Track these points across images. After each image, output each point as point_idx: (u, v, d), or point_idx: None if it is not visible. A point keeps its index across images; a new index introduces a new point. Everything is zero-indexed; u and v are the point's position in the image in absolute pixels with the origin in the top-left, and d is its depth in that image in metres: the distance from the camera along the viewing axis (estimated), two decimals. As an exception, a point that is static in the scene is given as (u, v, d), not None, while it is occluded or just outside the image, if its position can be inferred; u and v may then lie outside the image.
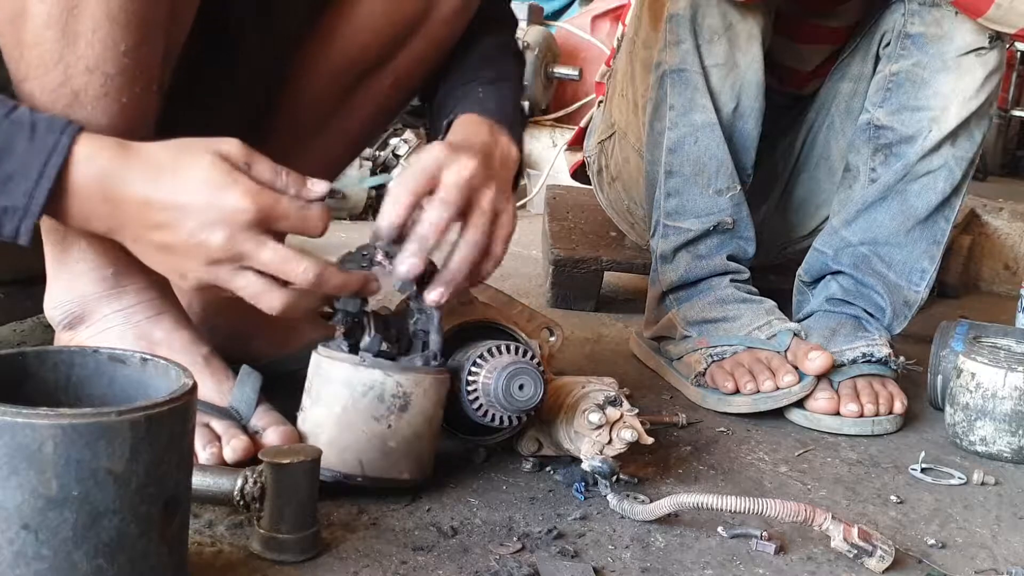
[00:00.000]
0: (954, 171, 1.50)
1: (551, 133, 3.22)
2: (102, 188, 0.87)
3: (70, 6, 0.88)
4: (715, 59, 1.50)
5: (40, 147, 0.85)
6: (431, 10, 1.16)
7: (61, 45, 0.89)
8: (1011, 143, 4.50)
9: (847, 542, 0.99)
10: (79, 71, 0.90)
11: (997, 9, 1.40)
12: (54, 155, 0.85)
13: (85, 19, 0.89)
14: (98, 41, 0.90)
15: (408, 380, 1.01)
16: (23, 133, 0.84)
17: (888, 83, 1.52)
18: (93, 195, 0.87)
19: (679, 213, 1.54)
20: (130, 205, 0.88)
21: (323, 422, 1.01)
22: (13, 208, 0.86)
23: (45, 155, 0.84)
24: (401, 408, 1.00)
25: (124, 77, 0.92)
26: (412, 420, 1.01)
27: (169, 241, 0.88)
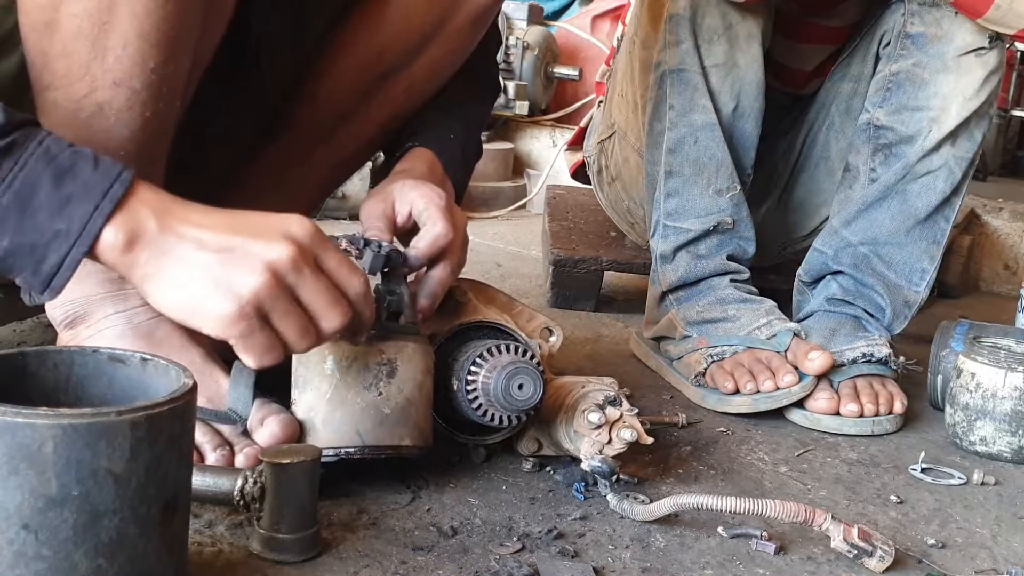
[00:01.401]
0: (954, 171, 1.50)
1: (551, 133, 3.22)
2: (161, 213, 0.83)
3: (102, 21, 0.88)
4: (715, 59, 1.50)
5: (104, 175, 0.81)
6: (448, 20, 1.17)
7: (90, 58, 0.89)
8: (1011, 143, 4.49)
9: (847, 542, 0.99)
10: (106, 84, 0.90)
11: (996, 10, 1.40)
12: (118, 182, 0.81)
13: (116, 35, 0.89)
14: (127, 57, 0.90)
15: (389, 346, 1.02)
16: (87, 162, 0.81)
17: (888, 83, 1.52)
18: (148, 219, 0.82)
19: (679, 213, 1.54)
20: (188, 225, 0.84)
21: (314, 404, 1.01)
22: (67, 232, 0.80)
23: (109, 181, 0.81)
24: (388, 374, 1.01)
25: (150, 92, 0.92)
26: (402, 385, 1.02)
27: (231, 245, 0.84)
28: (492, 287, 1.23)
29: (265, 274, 0.83)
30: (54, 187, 0.79)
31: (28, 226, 0.79)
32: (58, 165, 0.80)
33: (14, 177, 0.78)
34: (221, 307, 0.83)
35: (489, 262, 2.28)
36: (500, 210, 2.89)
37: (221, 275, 0.83)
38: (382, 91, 1.21)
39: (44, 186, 0.79)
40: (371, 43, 1.19)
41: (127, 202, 0.81)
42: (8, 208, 0.79)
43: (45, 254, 0.80)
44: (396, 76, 1.20)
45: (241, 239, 0.84)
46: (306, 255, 0.86)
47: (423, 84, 1.22)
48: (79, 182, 0.80)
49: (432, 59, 1.20)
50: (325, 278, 0.88)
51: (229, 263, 0.83)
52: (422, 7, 1.17)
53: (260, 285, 0.83)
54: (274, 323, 0.85)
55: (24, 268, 0.81)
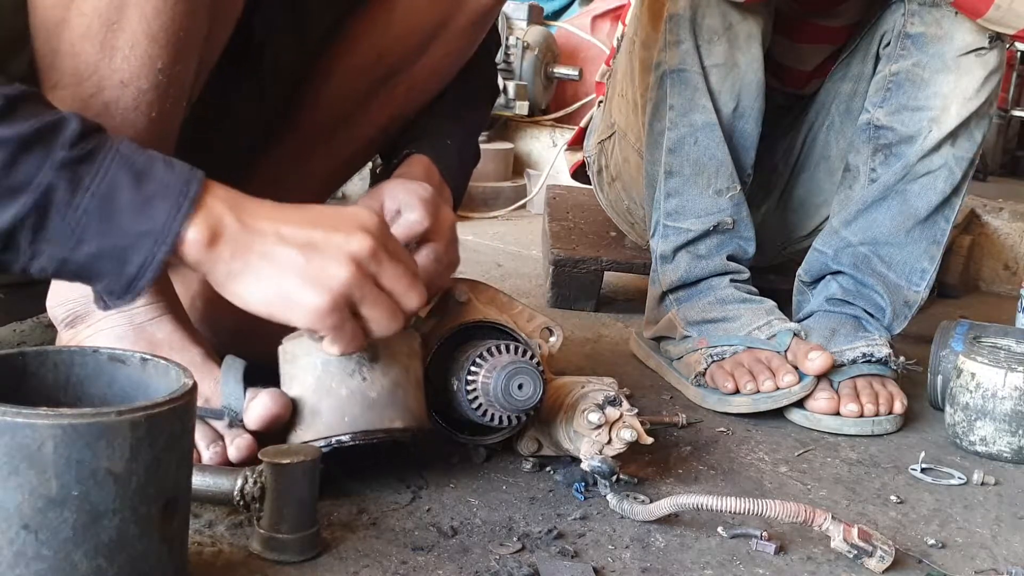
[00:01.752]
0: (954, 171, 1.50)
1: (551, 133, 3.22)
2: (236, 208, 0.85)
3: (110, 21, 0.89)
4: (715, 59, 1.50)
5: (179, 174, 0.82)
6: (449, 21, 1.18)
7: (98, 58, 0.89)
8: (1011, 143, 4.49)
9: (847, 542, 0.99)
10: (113, 84, 0.91)
11: (996, 10, 1.40)
12: (193, 180, 0.82)
13: (124, 35, 0.90)
14: (135, 57, 0.91)
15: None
16: (160, 163, 0.82)
17: (888, 83, 1.52)
18: (229, 215, 0.84)
19: (679, 213, 1.54)
20: (265, 220, 0.86)
21: (301, 396, 1.02)
22: (150, 232, 0.80)
23: (185, 179, 0.82)
24: (371, 359, 1.02)
25: (156, 92, 0.93)
26: (386, 369, 1.02)
27: (313, 240, 0.87)
28: (492, 287, 1.23)
29: (351, 265, 0.87)
30: (135, 190, 0.80)
31: (112, 229, 0.80)
32: (136, 168, 0.81)
33: (96, 184, 0.79)
34: (314, 301, 0.86)
35: (489, 262, 2.28)
36: (500, 210, 2.89)
37: (309, 270, 0.86)
38: (383, 92, 1.22)
39: (125, 189, 0.80)
40: (373, 45, 1.19)
41: (204, 199, 0.83)
42: (92, 214, 0.79)
43: (129, 256, 0.81)
44: (397, 77, 1.21)
45: (321, 233, 0.88)
46: (381, 243, 0.90)
47: (424, 85, 1.23)
48: (157, 183, 0.81)
49: (433, 60, 1.20)
50: (400, 263, 0.92)
51: (315, 258, 0.86)
52: (424, 9, 1.17)
53: (348, 277, 0.87)
54: (362, 311, 0.90)
55: (108, 272, 0.81)
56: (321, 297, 0.87)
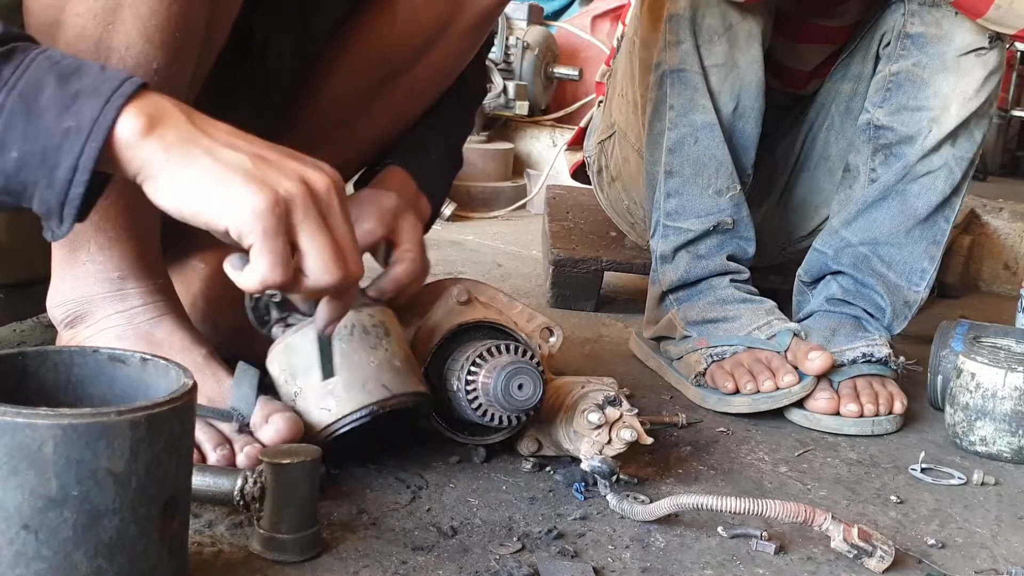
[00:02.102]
0: (954, 171, 1.50)
1: (551, 133, 3.22)
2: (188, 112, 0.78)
3: (106, 22, 0.89)
4: (715, 59, 1.50)
5: (113, 76, 0.75)
6: (451, 23, 1.18)
7: (93, 58, 0.89)
8: (1011, 143, 4.50)
9: (847, 542, 0.99)
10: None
11: (996, 10, 1.40)
12: (128, 82, 0.75)
13: (119, 35, 0.89)
14: (131, 58, 0.90)
15: (376, 310, 1.08)
16: (94, 67, 0.76)
17: (888, 83, 1.52)
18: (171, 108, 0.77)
19: (679, 213, 1.54)
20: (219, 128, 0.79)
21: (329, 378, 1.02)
22: (77, 128, 0.73)
23: (119, 81, 0.75)
24: (386, 334, 1.07)
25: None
26: (399, 343, 1.08)
27: (268, 155, 0.79)
28: (492, 287, 1.23)
29: (300, 184, 0.78)
30: (59, 86, 0.74)
31: (35, 130, 0.73)
32: (62, 67, 0.75)
33: (17, 79, 0.73)
34: (252, 200, 0.76)
35: (489, 262, 2.28)
36: (500, 210, 2.89)
37: (256, 173, 0.77)
38: (385, 93, 1.22)
39: (49, 86, 0.74)
40: (375, 45, 1.19)
41: (142, 95, 0.76)
42: (13, 113, 0.73)
43: (58, 158, 0.74)
44: (399, 78, 1.21)
45: (277, 154, 0.80)
46: (335, 191, 0.82)
47: (426, 86, 1.23)
48: (86, 81, 0.75)
49: (435, 61, 1.20)
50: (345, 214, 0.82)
51: (264, 165, 0.78)
52: (426, 10, 1.17)
53: (296, 190, 0.78)
54: (301, 240, 0.79)
55: (38, 180, 0.74)
56: (260, 196, 0.76)
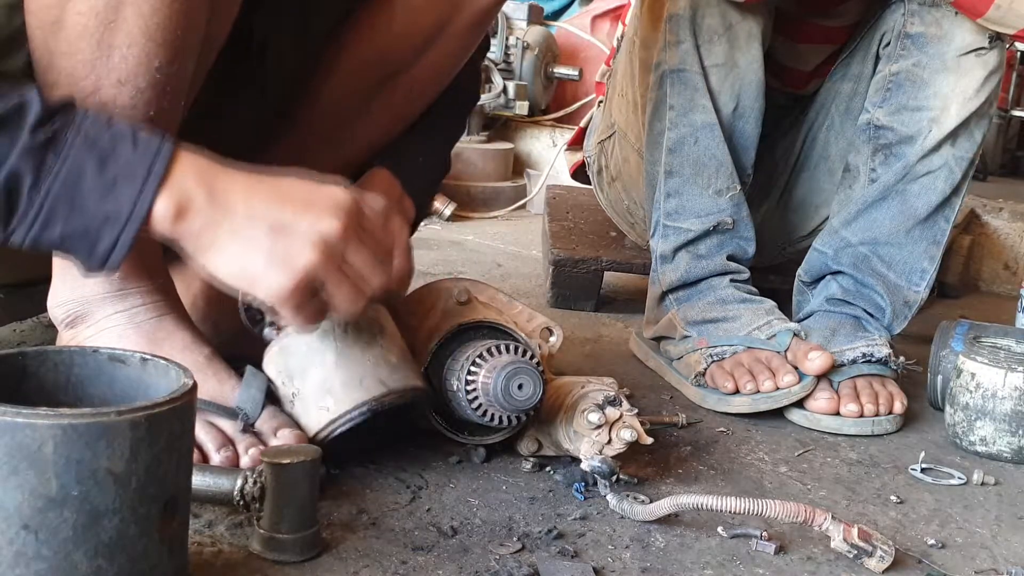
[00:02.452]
0: (954, 171, 1.50)
1: (551, 133, 3.22)
2: (207, 182, 0.86)
3: (107, 20, 0.89)
4: (715, 59, 1.50)
5: (145, 152, 0.84)
6: (450, 22, 1.18)
7: (94, 57, 0.89)
8: (1011, 143, 4.50)
9: (847, 542, 0.99)
10: (110, 83, 0.90)
11: (996, 10, 1.40)
12: (159, 158, 0.84)
13: (121, 34, 0.89)
14: (132, 56, 0.91)
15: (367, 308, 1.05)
16: (126, 141, 0.84)
17: (888, 83, 1.52)
18: (198, 191, 0.86)
19: (679, 213, 1.54)
20: (236, 195, 0.87)
21: (325, 376, 1.03)
22: (116, 214, 0.83)
23: (151, 158, 0.83)
24: (380, 331, 1.07)
25: (154, 92, 0.93)
26: (394, 340, 1.08)
27: (283, 221, 0.88)
28: (492, 287, 1.23)
29: (318, 249, 0.88)
30: (99, 172, 0.82)
31: (78, 213, 0.82)
32: (100, 149, 0.82)
33: (60, 168, 0.81)
34: (278, 281, 0.88)
35: (489, 262, 2.28)
36: (500, 210, 2.89)
37: (275, 249, 0.88)
38: (384, 93, 1.22)
39: (89, 172, 0.82)
40: (373, 45, 1.19)
41: (172, 174, 0.84)
42: (57, 198, 0.81)
43: (99, 237, 0.83)
44: (398, 78, 1.21)
45: (292, 213, 0.89)
46: (353, 223, 0.91)
47: (425, 86, 1.23)
48: (122, 163, 0.83)
49: (433, 61, 1.20)
50: (370, 240, 0.93)
51: (283, 238, 0.88)
52: (424, 10, 1.17)
53: (313, 260, 0.88)
54: (326, 291, 0.91)
55: (80, 251, 0.84)
56: (285, 278, 0.88)
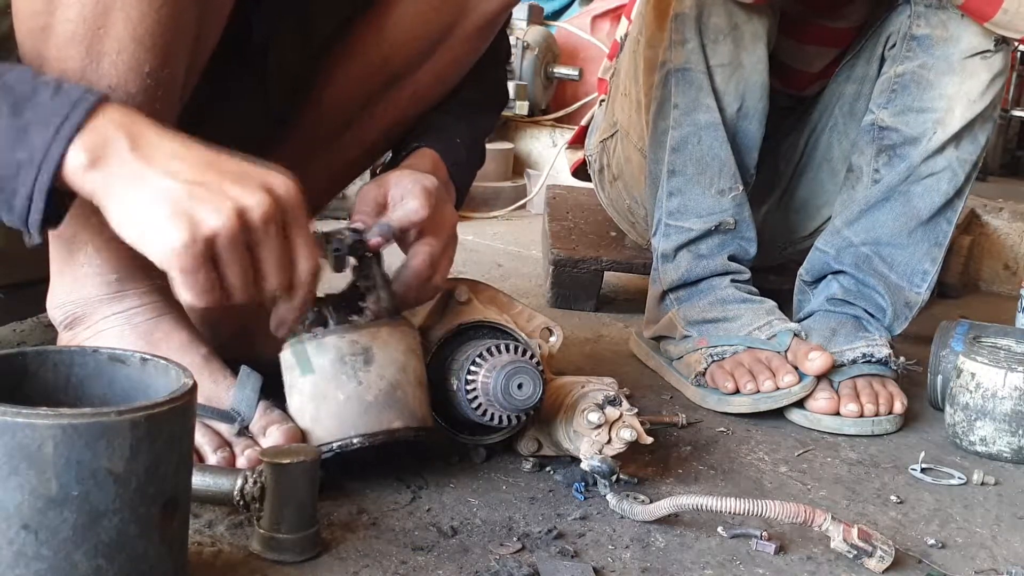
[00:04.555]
0: (957, 173, 1.50)
1: (551, 133, 3.22)
2: (131, 133, 0.81)
3: (96, 26, 0.88)
4: (720, 59, 1.50)
5: (64, 99, 0.80)
6: (455, 28, 1.18)
7: (84, 63, 0.89)
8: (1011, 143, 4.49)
9: (847, 542, 0.99)
10: (100, 89, 0.89)
11: (1004, 14, 1.40)
12: (79, 105, 0.80)
13: (111, 40, 0.89)
14: (122, 62, 0.90)
15: (361, 335, 1.02)
16: (47, 89, 0.81)
17: (893, 84, 1.52)
18: (121, 139, 0.81)
19: (681, 212, 1.54)
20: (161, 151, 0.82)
21: (302, 405, 1.02)
22: (29, 161, 0.79)
23: (69, 106, 0.80)
24: (365, 362, 1.01)
25: (145, 96, 0.92)
26: (383, 371, 1.02)
27: (206, 181, 0.81)
28: (492, 287, 1.23)
29: (230, 217, 0.81)
30: (12, 116, 0.79)
31: None
32: (16, 96, 0.80)
33: None
34: (173, 235, 0.80)
35: (489, 262, 2.28)
36: (500, 210, 2.89)
37: (184, 205, 0.80)
38: (387, 97, 1.21)
39: (3, 116, 0.79)
40: (377, 49, 1.19)
41: (92, 122, 0.80)
42: None
43: (14, 187, 0.80)
44: (402, 82, 1.20)
45: (217, 176, 0.83)
46: (278, 212, 0.84)
47: (428, 90, 1.22)
48: (37, 110, 0.80)
49: (438, 66, 1.20)
50: (286, 242, 0.86)
51: (196, 196, 0.81)
52: (429, 15, 1.17)
53: (222, 226, 0.81)
54: (220, 267, 0.83)
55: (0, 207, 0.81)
56: (180, 233, 0.80)
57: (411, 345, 1.05)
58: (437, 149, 1.17)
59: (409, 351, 1.05)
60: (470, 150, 1.25)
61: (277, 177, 0.86)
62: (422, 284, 1.08)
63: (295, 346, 1.03)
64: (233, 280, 0.84)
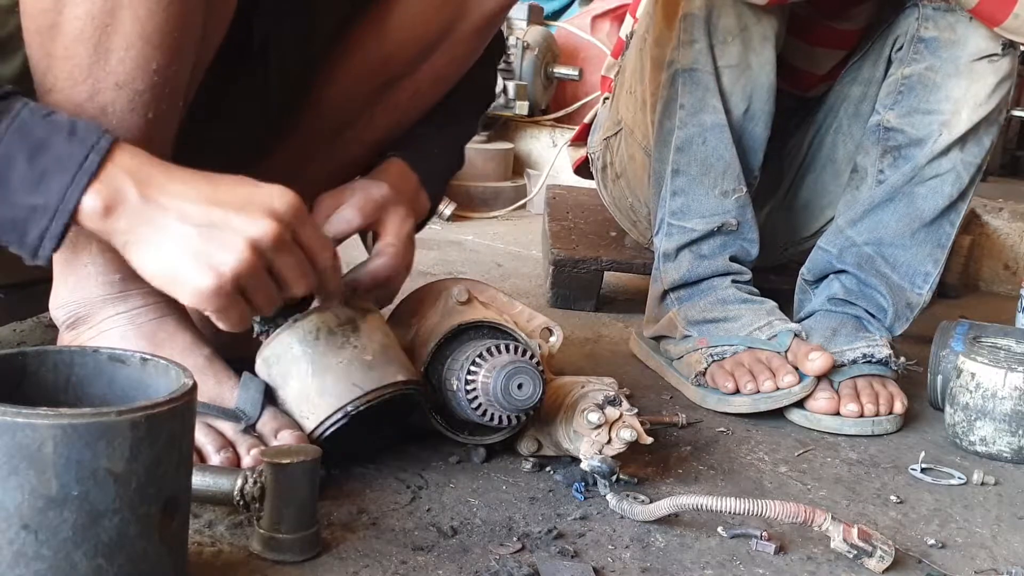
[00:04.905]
0: (962, 176, 1.50)
1: (551, 133, 3.22)
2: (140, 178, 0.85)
3: (104, 23, 0.88)
4: (728, 60, 1.50)
5: (79, 146, 0.83)
6: (454, 27, 1.18)
7: (92, 60, 0.89)
8: (1011, 143, 4.49)
9: (847, 542, 0.99)
10: (108, 86, 0.90)
11: (1014, 19, 1.41)
12: (93, 153, 0.83)
13: (119, 37, 0.89)
14: (130, 59, 0.90)
15: (342, 311, 1.05)
16: (61, 133, 0.83)
17: (900, 86, 1.52)
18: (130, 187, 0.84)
19: (684, 212, 1.54)
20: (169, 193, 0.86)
21: (303, 386, 1.03)
22: (44, 207, 0.82)
23: (84, 152, 0.83)
24: (354, 329, 1.05)
25: (152, 94, 0.92)
26: (372, 335, 1.06)
27: (214, 221, 0.86)
28: (492, 287, 1.23)
29: (246, 252, 0.87)
30: (29, 163, 0.82)
31: (7, 204, 0.82)
32: (33, 140, 0.82)
33: None
34: (201, 282, 0.86)
35: (489, 262, 2.28)
36: (500, 210, 2.89)
37: (202, 250, 0.86)
38: (387, 96, 1.21)
39: (19, 164, 0.82)
40: (377, 49, 1.19)
41: (104, 169, 0.83)
42: None
43: (26, 228, 0.83)
44: (401, 82, 1.21)
45: (223, 213, 0.87)
46: (286, 230, 0.89)
47: (428, 90, 1.23)
48: (53, 156, 0.82)
49: (437, 66, 1.20)
50: (299, 251, 0.92)
51: (211, 238, 0.86)
52: (428, 15, 1.17)
53: (240, 263, 0.87)
54: (248, 295, 0.90)
55: (11, 241, 0.85)
56: (207, 280, 0.86)
57: (381, 321, 1.10)
58: (408, 159, 1.19)
59: (383, 323, 1.10)
60: (445, 156, 1.27)
61: (274, 195, 0.90)
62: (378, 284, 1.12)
63: (275, 342, 1.04)
64: (262, 301, 0.91)
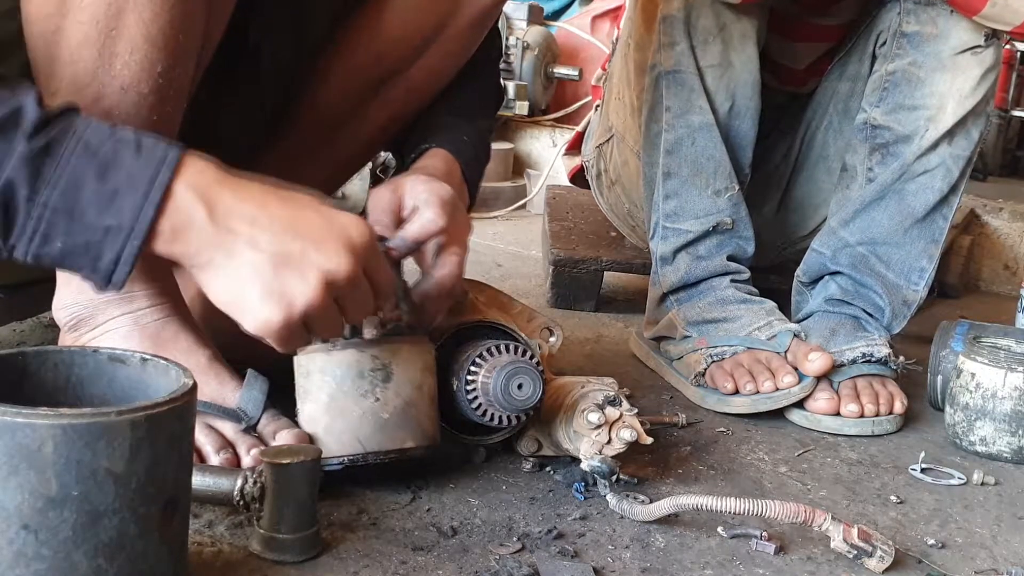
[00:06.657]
0: (951, 170, 1.50)
1: (551, 133, 3.22)
2: (211, 198, 0.81)
3: (109, 27, 0.88)
4: (710, 60, 1.50)
5: (148, 161, 0.79)
6: (447, 25, 1.18)
7: (97, 65, 0.89)
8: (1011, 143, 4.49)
9: (847, 542, 0.99)
10: (113, 90, 0.90)
11: (992, 7, 1.40)
12: (163, 168, 0.79)
13: (123, 41, 0.89)
14: (135, 63, 0.90)
15: (382, 351, 1.01)
16: (129, 148, 0.79)
17: (884, 82, 1.52)
18: (199, 208, 0.81)
19: (678, 215, 1.54)
20: (242, 217, 0.82)
21: (315, 415, 1.02)
22: (118, 227, 0.78)
23: (155, 168, 0.79)
24: (384, 380, 1.01)
25: (157, 97, 0.92)
26: (399, 389, 1.02)
27: (289, 252, 0.83)
28: (492, 287, 1.23)
29: (319, 288, 0.84)
30: (99, 182, 0.78)
31: (78, 226, 0.78)
32: (101, 157, 0.78)
33: (58, 178, 0.77)
34: (270, 315, 0.84)
35: (489, 262, 2.28)
36: (500, 210, 2.89)
37: (275, 281, 0.83)
38: (382, 93, 1.22)
39: (89, 183, 0.78)
40: (371, 46, 1.19)
41: (175, 186, 0.80)
42: (56, 211, 0.77)
43: (100, 251, 0.79)
44: (396, 79, 1.21)
45: (300, 244, 0.84)
46: (360, 267, 0.87)
47: (422, 87, 1.23)
48: (123, 173, 0.79)
49: (431, 63, 1.20)
50: (367, 284, 0.89)
51: (284, 270, 0.83)
52: (421, 11, 1.17)
53: (312, 300, 0.84)
54: (310, 325, 0.87)
55: (82, 267, 0.80)
56: (277, 314, 0.84)
57: (428, 363, 1.05)
58: (449, 148, 1.16)
59: (426, 369, 1.05)
60: (478, 148, 1.24)
61: (351, 225, 0.88)
62: (445, 296, 1.07)
63: (311, 358, 1.02)
64: (322, 331, 0.90)
